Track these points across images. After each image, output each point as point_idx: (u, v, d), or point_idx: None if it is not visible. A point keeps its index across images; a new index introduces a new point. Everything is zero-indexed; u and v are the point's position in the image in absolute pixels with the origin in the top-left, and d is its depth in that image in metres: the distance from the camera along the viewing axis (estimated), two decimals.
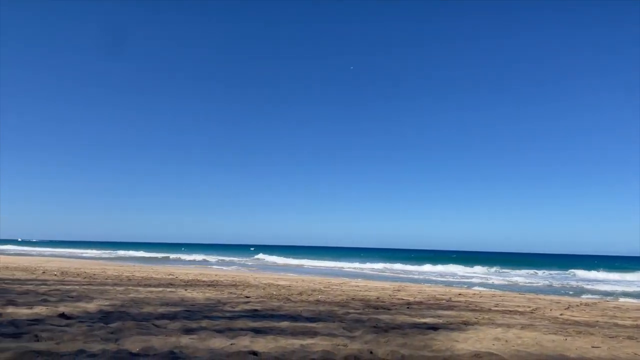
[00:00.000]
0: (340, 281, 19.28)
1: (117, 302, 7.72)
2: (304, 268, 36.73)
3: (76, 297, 8.38)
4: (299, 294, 11.62)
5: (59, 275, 15.46)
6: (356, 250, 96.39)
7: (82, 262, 32.41)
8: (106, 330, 4.84)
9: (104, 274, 17.65)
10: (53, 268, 20.69)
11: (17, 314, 5.86)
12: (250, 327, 5.65)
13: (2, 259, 33.74)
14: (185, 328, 5.30)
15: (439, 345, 5.09)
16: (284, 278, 20.08)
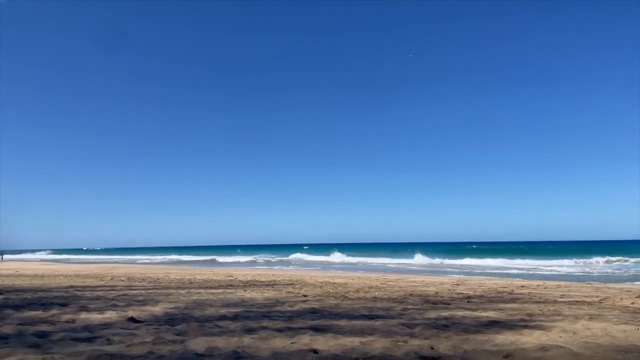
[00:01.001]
0: (397, 277, 19.13)
1: (181, 305, 8.00)
2: (350, 265, 36.70)
3: (143, 301, 8.76)
4: (355, 292, 11.62)
5: (125, 281, 16.17)
6: (387, 246, 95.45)
7: (146, 267, 33.79)
8: (172, 333, 5.04)
9: (167, 278, 18.32)
10: (120, 274, 21.69)
11: (90, 319, 6.19)
12: (310, 325, 5.71)
13: (73, 267, 35.73)
14: (246, 328, 5.43)
15: (503, 339, 4.96)
16: (339, 276, 20.14)
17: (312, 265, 38.52)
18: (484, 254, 49.91)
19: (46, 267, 33.97)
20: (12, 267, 35.89)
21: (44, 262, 52.73)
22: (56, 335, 4.83)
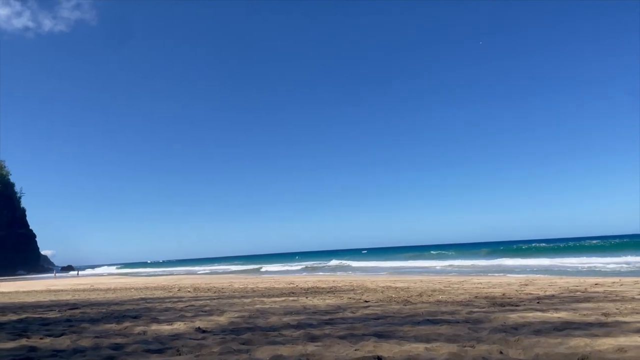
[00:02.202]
0: (461, 279, 18.65)
1: (245, 314, 8.16)
2: (400, 269, 36.10)
3: (209, 311, 9.00)
4: (418, 295, 11.42)
5: (192, 292, 16.67)
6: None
7: (210, 278, 34.73)
8: (238, 342, 5.13)
9: (231, 287, 18.73)
10: (186, 285, 22.40)
11: (160, 330, 6.42)
12: (373, 331, 5.66)
13: (141, 280, 37.27)
14: (310, 336, 5.45)
15: (577, 341, 4.71)
16: (401, 280, 19.87)
17: (362, 270, 38.28)
18: (534, 253, 48.17)
19: (118, 281, 35.66)
20: (87, 282, 37.92)
21: (115, 276, 55.37)
22: (129, 347, 5.03)
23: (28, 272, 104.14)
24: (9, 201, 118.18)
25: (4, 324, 7.79)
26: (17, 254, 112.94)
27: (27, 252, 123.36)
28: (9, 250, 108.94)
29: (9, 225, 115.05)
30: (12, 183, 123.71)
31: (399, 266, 40.34)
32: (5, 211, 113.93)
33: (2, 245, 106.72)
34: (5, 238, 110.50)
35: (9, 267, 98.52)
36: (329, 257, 73.72)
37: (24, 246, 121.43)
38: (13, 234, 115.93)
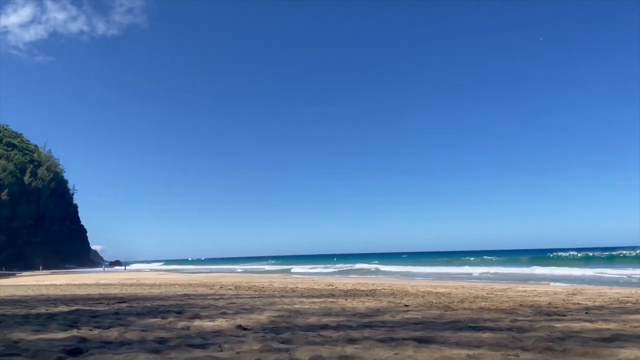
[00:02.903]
0: (505, 287, 18.18)
1: (285, 313, 8.23)
2: (437, 275, 35.37)
3: (249, 309, 9.13)
4: (460, 302, 11.21)
5: (233, 290, 16.96)
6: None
7: (250, 276, 35.20)
8: (278, 341, 5.19)
9: (271, 286, 18.93)
10: (227, 283, 22.80)
11: (202, 326, 6.56)
12: (413, 336, 5.60)
13: (184, 276, 38.17)
14: (349, 337, 5.44)
15: (627, 353, 4.50)
16: (442, 285, 19.55)
17: (400, 275, 37.81)
18: (572, 262, 46.52)
19: (162, 277, 36.66)
20: (133, 277, 39.17)
21: (159, 272, 56.93)
22: (173, 341, 5.17)
23: (79, 266, 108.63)
24: (62, 198, 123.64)
25: (55, 315, 8.16)
26: (69, 248, 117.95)
27: (79, 247, 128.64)
28: (61, 245, 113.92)
29: (62, 220, 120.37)
30: (65, 180, 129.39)
31: (436, 272, 39.55)
32: (59, 207, 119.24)
33: (55, 240, 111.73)
34: (59, 233, 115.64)
35: (61, 261, 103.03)
36: (366, 259, 73.60)
37: (75, 241, 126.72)
38: (66, 229, 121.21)
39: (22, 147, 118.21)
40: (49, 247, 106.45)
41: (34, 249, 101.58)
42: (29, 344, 4.95)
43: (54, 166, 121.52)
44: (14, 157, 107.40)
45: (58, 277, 45.45)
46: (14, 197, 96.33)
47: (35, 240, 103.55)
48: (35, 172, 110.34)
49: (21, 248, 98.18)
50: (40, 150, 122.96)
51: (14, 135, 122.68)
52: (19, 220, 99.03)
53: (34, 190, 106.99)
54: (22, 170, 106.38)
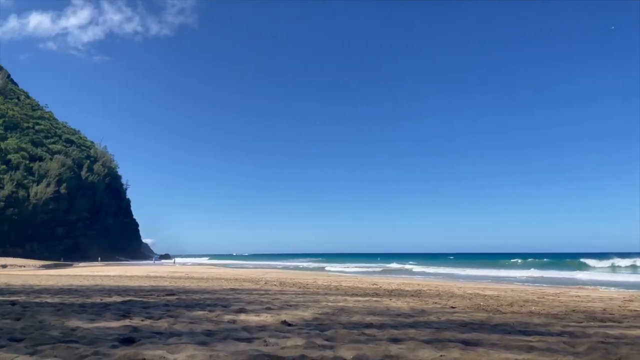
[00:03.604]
0: (557, 291, 17.55)
1: (329, 311, 8.26)
2: (478, 277, 34.33)
3: (294, 305, 9.21)
4: (509, 305, 10.91)
5: (278, 286, 17.15)
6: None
7: (295, 273, 35.47)
8: (322, 338, 5.21)
9: (315, 283, 19.03)
10: (272, 279, 23.08)
11: (248, 320, 6.68)
12: (459, 338, 5.49)
13: (230, 271, 38.91)
14: (393, 337, 5.40)
15: None
16: (490, 288, 19.08)
17: (429, 276, 37.07)
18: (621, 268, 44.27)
19: (209, 271, 37.52)
20: (182, 270, 40.29)
21: (206, 267, 58.29)
22: (220, 334, 5.29)
23: (131, 258, 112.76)
24: (116, 192, 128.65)
25: (109, 304, 8.51)
26: (121, 241, 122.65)
27: (131, 240, 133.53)
28: (115, 237, 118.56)
29: (115, 214, 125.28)
30: (119, 176, 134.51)
31: (476, 274, 38.22)
32: (113, 202, 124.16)
33: (109, 233, 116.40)
34: (112, 226, 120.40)
35: (114, 253, 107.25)
36: (400, 260, 73.01)
37: (127, 234, 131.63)
38: (119, 222, 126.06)
39: (80, 144, 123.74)
40: (103, 240, 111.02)
41: (90, 241, 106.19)
42: (85, 332, 5.19)
43: (109, 162, 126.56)
44: (72, 153, 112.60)
45: (111, 268, 47.36)
46: (71, 191, 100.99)
47: (91, 232, 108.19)
48: (92, 167, 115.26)
49: (78, 240, 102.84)
50: (97, 147, 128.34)
51: (72, 132, 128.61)
52: (76, 213, 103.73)
53: (90, 184, 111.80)
54: (80, 166, 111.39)
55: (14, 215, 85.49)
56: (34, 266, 53.09)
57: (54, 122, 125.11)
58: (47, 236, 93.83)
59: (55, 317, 6.38)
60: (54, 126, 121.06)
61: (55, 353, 4.00)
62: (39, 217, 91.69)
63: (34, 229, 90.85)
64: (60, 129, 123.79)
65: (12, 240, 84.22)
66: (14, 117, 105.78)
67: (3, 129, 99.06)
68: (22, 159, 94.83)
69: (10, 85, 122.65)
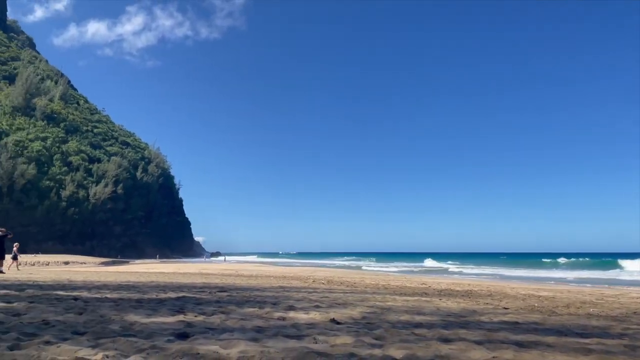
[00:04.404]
0: (616, 292, 16.76)
1: (377, 310, 8.23)
2: (525, 278, 33.07)
3: (342, 304, 9.24)
4: (565, 307, 10.52)
5: (325, 284, 17.23)
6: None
7: (344, 272, 35.51)
8: (371, 337, 5.21)
9: (362, 282, 19.00)
10: (320, 277, 23.21)
11: (297, 318, 6.76)
12: (512, 340, 5.35)
13: (278, 269, 39.40)
14: (443, 337, 5.33)
15: None
16: (544, 289, 18.45)
17: (477, 275, 36.06)
18: None
19: (258, 269, 38.15)
20: (232, 267, 41.16)
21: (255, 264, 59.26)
22: (270, 331, 5.39)
23: (183, 256, 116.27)
24: (169, 192, 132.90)
25: (165, 300, 8.82)
26: (174, 239, 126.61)
27: (183, 238, 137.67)
28: (168, 236, 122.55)
29: (169, 213, 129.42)
30: (172, 176, 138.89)
31: (520, 275, 37.11)
32: (166, 201, 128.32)
33: (163, 231, 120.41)
34: (166, 225, 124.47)
35: (168, 251, 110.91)
36: (437, 259, 71.91)
37: (180, 232, 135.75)
38: (172, 221, 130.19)
39: (135, 145, 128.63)
40: (157, 238, 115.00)
41: (144, 239, 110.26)
42: (143, 326, 5.40)
43: (162, 162, 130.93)
44: (128, 155, 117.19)
45: (165, 265, 48.96)
46: (127, 192, 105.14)
47: (146, 231, 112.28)
48: (146, 168, 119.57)
49: (133, 238, 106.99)
50: (150, 148, 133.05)
51: (127, 134, 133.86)
52: (132, 212, 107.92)
53: (145, 185, 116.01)
54: (135, 167, 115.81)
55: (75, 215, 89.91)
56: (94, 263, 55.67)
57: (111, 125, 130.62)
58: (105, 234, 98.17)
59: (114, 311, 6.68)
60: (110, 129, 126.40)
61: (115, 346, 4.19)
62: (98, 216, 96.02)
63: (93, 228, 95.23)
64: (117, 131, 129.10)
65: (73, 238, 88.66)
66: (74, 121, 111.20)
67: (64, 132, 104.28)
68: (82, 161, 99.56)
69: (71, 90, 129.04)
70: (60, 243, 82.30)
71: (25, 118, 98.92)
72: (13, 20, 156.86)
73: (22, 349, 4.00)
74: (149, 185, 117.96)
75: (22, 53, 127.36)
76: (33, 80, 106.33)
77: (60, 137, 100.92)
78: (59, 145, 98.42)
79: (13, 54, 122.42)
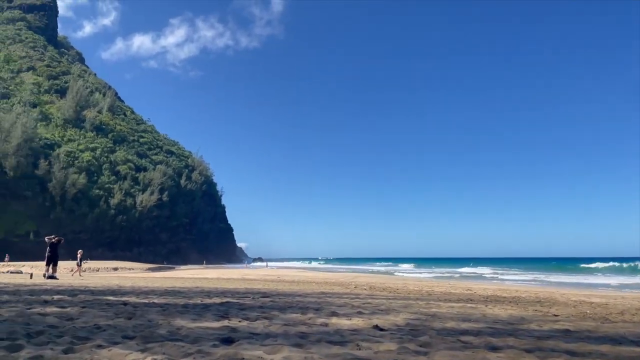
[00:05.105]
0: None
1: (422, 317, 8.10)
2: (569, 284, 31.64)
3: (385, 310, 9.15)
4: (619, 314, 10.06)
5: (368, 290, 17.12)
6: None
7: (385, 278, 35.20)
8: (415, 343, 5.13)
9: (405, 288, 18.76)
10: (362, 283, 23.08)
11: (340, 324, 6.73)
12: (563, 348, 5.16)
13: (320, 275, 39.42)
14: (490, 345, 5.19)
15: None
16: (596, 295, 17.72)
17: (514, 281, 34.79)
18: None
19: (299, 274, 38.30)
20: (274, 273, 41.49)
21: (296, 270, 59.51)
22: (313, 336, 5.39)
23: (226, 262, 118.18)
24: (212, 199, 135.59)
25: (209, 305, 8.97)
26: (217, 245, 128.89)
27: (226, 244, 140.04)
28: (212, 242, 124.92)
29: (212, 220, 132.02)
30: (214, 183, 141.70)
31: (567, 281, 35.56)
32: (209, 208, 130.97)
33: (206, 238, 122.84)
34: (209, 231, 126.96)
35: (211, 257, 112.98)
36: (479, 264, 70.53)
37: (223, 238, 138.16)
38: (215, 227, 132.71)
39: (179, 154, 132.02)
40: (201, 244, 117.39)
41: (188, 245, 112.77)
42: (189, 331, 5.52)
43: (205, 170, 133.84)
44: (173, 163, 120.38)
45: (209, 271, 49.88)
46: (172, 199, 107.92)
47: (190, 237, 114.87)
48: (190, 175, 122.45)
49: (178, 244, 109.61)
50: (194, 156, 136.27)
51: (172, 143, 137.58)
52: (177, 219, 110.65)
53: (189, 192, 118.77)
54: (179, 175, 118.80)
55: (122, 222, 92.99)
56: (141, 269, 57.28)
57: (156, 134, 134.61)
58: (151, 241, 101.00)
59: (162, 316, 6.85)
60: (155, 138, 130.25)
61: (163, 350, 4.30)
62: (145, 223, 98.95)
63: (140, 234, 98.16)
64: (162, 140, 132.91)
65: (121, 245, 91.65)
66: (122, 131, 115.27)
67: (112, 142, 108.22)
68: (129, 170, 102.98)
69: (118, 102, 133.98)
70: (110, 249, 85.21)
71: (75, 130, 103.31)
72: (63, 36, 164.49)
73: (76, 352, 4.16)
74: (193, 192, 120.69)
75: (72, 67, 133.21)
76: (83, 93, 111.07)
77: (108, 147, 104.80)
78: (107, 155, 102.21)
79: (64, 68, 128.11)
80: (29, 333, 4.97)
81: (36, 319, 6.11)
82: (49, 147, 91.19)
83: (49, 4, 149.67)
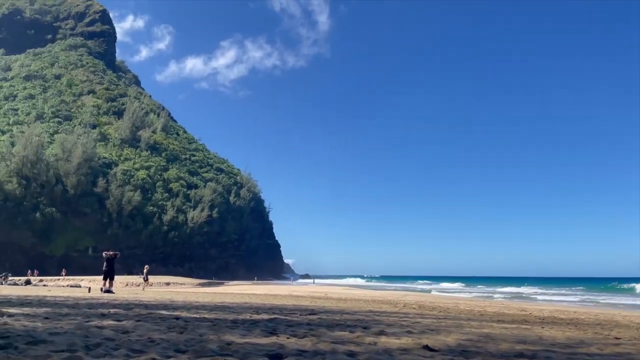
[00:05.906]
0: None
1: (473, 337, 7.85)
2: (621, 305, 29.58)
3: (435, 329, 8.93)
4: None
5: (417, 309, 16.79)
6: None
7: (434, 297, 34.42)
8: None
9: (456, 308, 18.27)
10: (411, 302, 22.66)
11: (389, 343, 6.62)
12: None
13: (367, 292, 39.00)
14: None
15: None
16: None
17: (559, 301, 32.91)
18: None
19: (346, 292, 38.04)
20: (320, 290, 41.41)
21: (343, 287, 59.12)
22: (362, 355, 5.32)
23: (274, 278, 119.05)
24: (259, 215, 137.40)
25: (258, 321, 9.05)
26: (265, 261, 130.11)
27: (273, 260, 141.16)
28: (259, 258, 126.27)
29: (259, 236, 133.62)
30: (262, 200, 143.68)
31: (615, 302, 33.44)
32: (257, 224, 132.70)
33: (254, 254, 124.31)
34: (257, 247, 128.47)
35: (259, 272, 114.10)
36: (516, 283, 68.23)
37: (271, 254, 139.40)
38: (263, 243, 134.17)
39: (228, 171, 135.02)
40: (249, 260, 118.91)
41: (237, 261, 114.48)
42: (238, 347, 5.58)
43: (253, 187, 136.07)
44: (222, 180, 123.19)
45: (257, 287, 50.38)
46: (222, 215, 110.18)
47: (238, 253, 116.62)
48: (239, 193, 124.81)
49: (227, 260, 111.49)
50: (242, 173, 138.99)
51: (221, 161, 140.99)
52: (226, 235, 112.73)
53: (238, 208, 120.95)
54: (228, 192, 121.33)
55: (175, 238, 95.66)
56: (192, 284, 58.52)
57: (206, 152, 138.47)
58: (202, 256, 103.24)
59: (212, 331, 6.97)
60: (206, 156, 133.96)
61: None
62: (195, 239, 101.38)
63: (191, 250, 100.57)
64: (212, 158, 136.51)
65: (173, 260, 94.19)
66: (174, 150, 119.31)
67: (165, 161, 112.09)
68: (181, 187, 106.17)
69: (171, 122, 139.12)
70: (162, 265, 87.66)
71: (131, 149, 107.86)
72: (121, 60, 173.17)
73: None
74: (241, 209, 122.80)
75: (129, 90, 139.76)
76: (138, 114, 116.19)
77: (162, 165, 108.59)
78: (161, 173, 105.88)
79: (121, 91, 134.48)
80: (88, 345, 5.17)
81: (94, 332, 6.35)
82: (106, 166, 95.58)
83: (108, 30, 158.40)
